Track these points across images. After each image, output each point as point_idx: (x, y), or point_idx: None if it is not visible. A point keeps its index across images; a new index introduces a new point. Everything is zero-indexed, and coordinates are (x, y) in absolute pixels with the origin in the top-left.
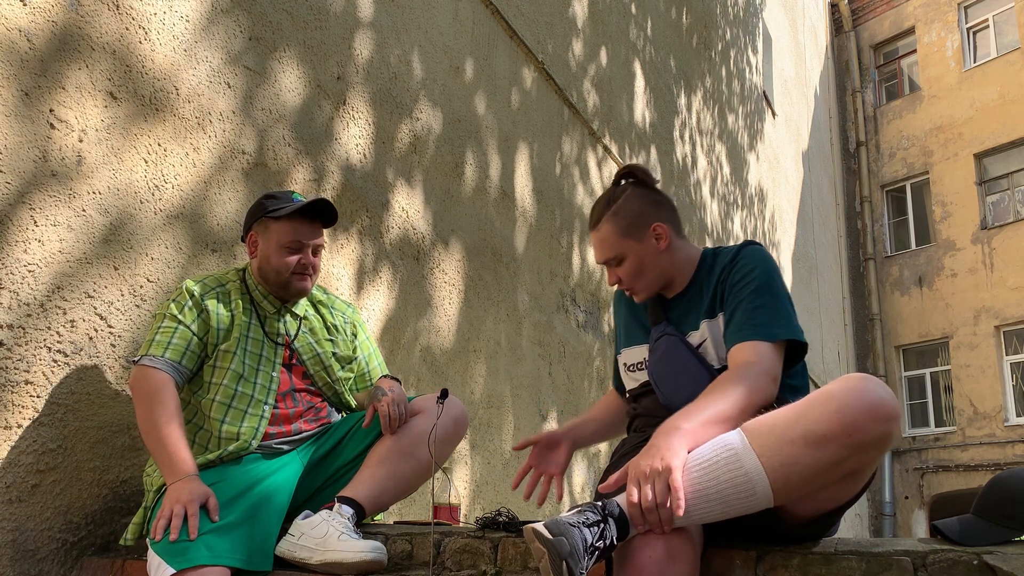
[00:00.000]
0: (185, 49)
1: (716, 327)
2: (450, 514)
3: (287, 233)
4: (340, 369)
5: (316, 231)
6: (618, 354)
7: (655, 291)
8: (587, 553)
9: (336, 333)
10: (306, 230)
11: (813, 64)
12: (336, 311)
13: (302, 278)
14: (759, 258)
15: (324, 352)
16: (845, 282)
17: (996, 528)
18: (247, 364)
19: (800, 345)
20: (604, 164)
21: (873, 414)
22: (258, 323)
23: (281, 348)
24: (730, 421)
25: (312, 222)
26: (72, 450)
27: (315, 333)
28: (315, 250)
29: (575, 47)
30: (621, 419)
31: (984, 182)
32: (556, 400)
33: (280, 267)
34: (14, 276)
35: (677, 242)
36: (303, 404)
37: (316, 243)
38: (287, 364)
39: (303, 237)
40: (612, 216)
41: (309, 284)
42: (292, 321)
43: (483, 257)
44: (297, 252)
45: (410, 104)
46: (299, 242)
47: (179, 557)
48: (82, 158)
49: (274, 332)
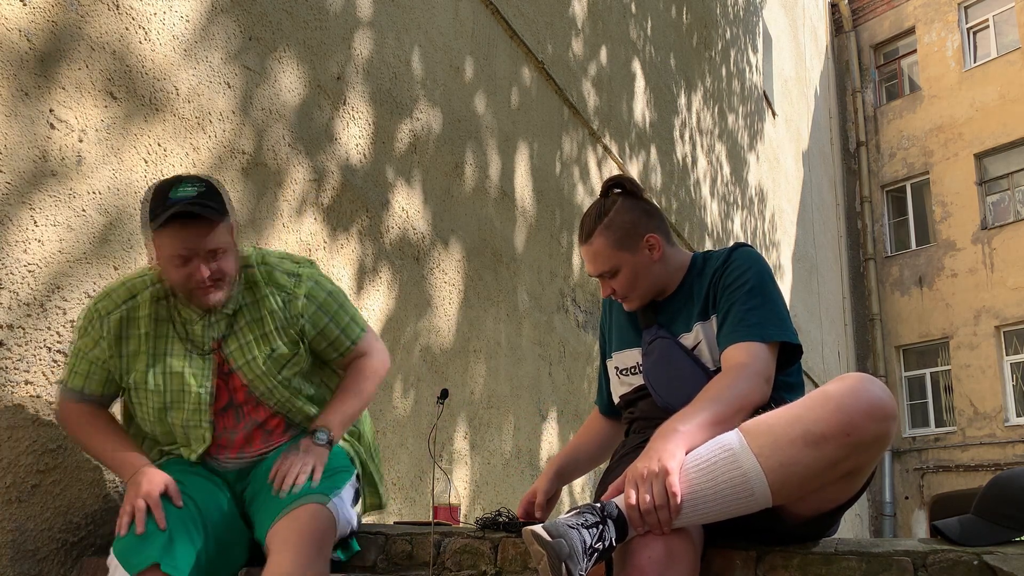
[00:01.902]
0: (185, 49)
1: (710, 329)
2: (450, 514)
3: (167, 246)
4: (281, 369)
5: (201, 235)
6: (608, 358)
7: (648, 300)
8: (586, 555)
9: (273, 321)
10: (188, 237)
11: (813, 64)
12: (276, 288)
13: (205, 291)
14: (751, 260)
15: (255, 357)
16: (845, 282)
17: (996, 528)
18: (170, 387)
19: (794, 347)
20: (604, 164)
21: (871, 414)
22: (179, 333)
23: (210, 357)
24: (726, 423)
25: (197, 224)
26: (72, 450)
27: (247, 331)
28: (210, 255)
29: (575, 47)
30: (607, 445)
31: (984, 182)
32: (556, 400)
33: (176, 282)
34: (14, 276)
35: (668, 250)
36: (248, 423)
37: (209, 248)
38: (223, 374)
39: (189, 246)
40: (604, 229)
41: (219, 295)
42: (220, 322)
43: (483, 257)
44: (187, 265)
45: (410, 104)
46: (183, 255)
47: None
48: (82, 158)
49: (200, 340)
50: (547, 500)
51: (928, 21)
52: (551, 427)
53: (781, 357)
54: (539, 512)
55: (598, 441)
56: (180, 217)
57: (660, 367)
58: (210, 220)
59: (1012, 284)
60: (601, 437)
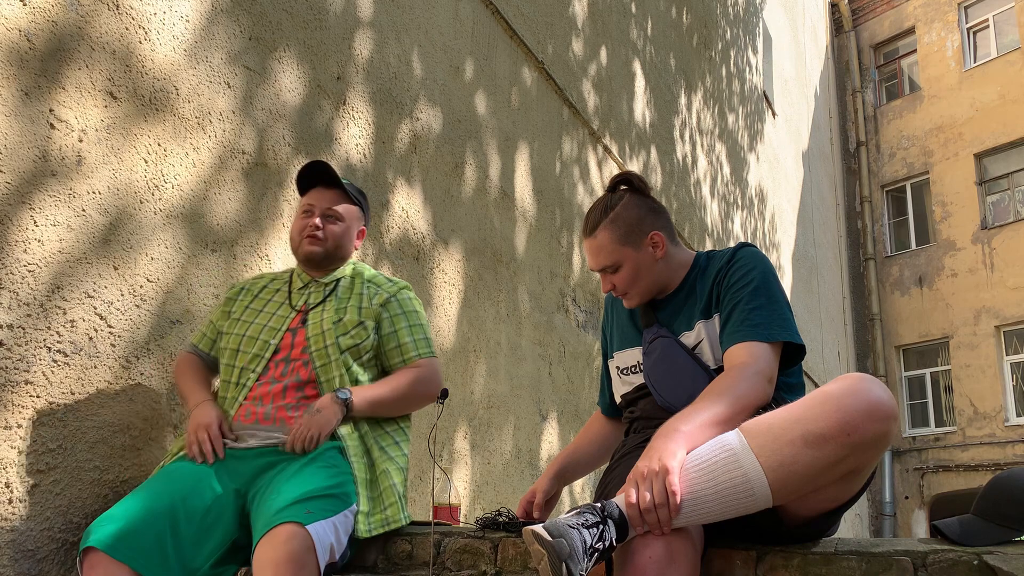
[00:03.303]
0: (185, 49)
1: (712, 328)
2: (450, 514)
3: (304, 200)
4: (343, 335)
5: (328, 198)
6: (609, 358)
7: (648, 298)
8: (586, 555)
9: (353, 302)
10: (317, 195)
11: (813, 64)
12: (373, 284)
13: (310, 241)
14: (756, 259)
15: (326, 318)
16: (845, 282)
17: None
18: (250, 325)
19: (797, 347)
20: (604, 164)
21: (871, 414)
22: (283, 293)
23: (294, 313)
24: (728, 423)
25: (325, 189)
26: (72, 450)
27: (332, 303)
28: (325, 215)
29: (575, 47)
30: (608, 446)
31: (984, 182)
32: (556, 400)
33: (293, 233)
34: (14, 276)
35: (671, 249)
36: (291, 378)
37: (325, 208)
38: (293, 328)
39: (313, 201)
40: (610, 224)
41: (317, 248)
42: (317, 293)
43: (483, 257)
44: (307, 217)
45: (410, 104)
46: (309, 205)
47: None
48: (82, 158)
49: (296, 299)
50: (547, 501)
51: (928, 21)
52: (551, 427)
53: (784, 357)
54: (538, 512)
55: (599, 443)
56: (316, 182)
57: (660, 366)
58: (338, 192)
59: (1012, 284)
60: (602, 438)
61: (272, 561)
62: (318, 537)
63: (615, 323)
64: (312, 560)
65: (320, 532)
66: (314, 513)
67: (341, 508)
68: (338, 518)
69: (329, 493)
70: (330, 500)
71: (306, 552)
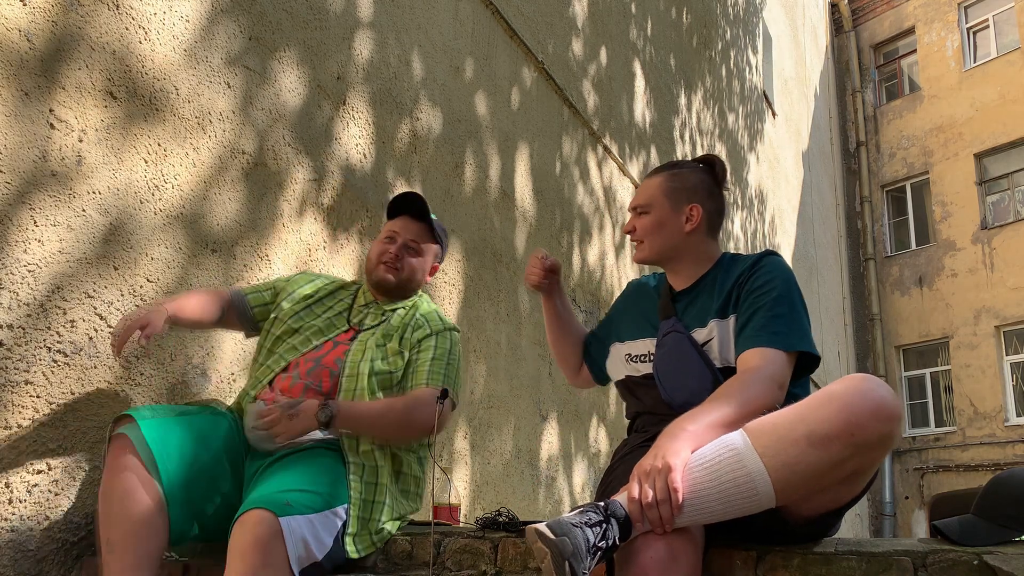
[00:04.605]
0: (185, 49)
1: (726, 328)
2: (450, 514)
3: (388, 226)
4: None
5: (413, 228)
6: (619, 342)
7: (655, 260)
8: (589, 553)
9: (400, 331)
10: (404, 224)
11: (813, 64)
12: (423, 319)
13: (386, 268)
14: (781, 268)
15: (369, 348)
16: (845, 282)
17: (996, 528)
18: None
19: (812, 358)
20: (604, 164)
21: (876, 414)
22: (347, 305)
23: (347, 328)
24: (735, 424)
25: (412, 220)
26: (72, 450)
27: (383, 328)
28: (409, 244)
29: (575, 47)
30: (578, 342)
31: (984, 182)
32: (556, 400)
33: (371, 255)
34: (14, 276)
35: (704, 236)
36: (312, 382)
37: (408, 238)
38: (338, 342)
39: (398, 229)
40: (669, 175)
41: (391, 276)
42: (375, 315)
43: (483, 257)
44: (390, 243)
45: (410, 104)
46: (393, 232)
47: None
48: (82, 158)
49: (355, 315)
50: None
51: (928, 21)
52: (551, 427)
53: (796, 368)
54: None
55: (580, 335)
56: (407, 210)
57: (669, 359)
58: (427, 226)
59: (1012, 284)
60: (580, 336)
61: (239, 546)
62: (289, 528)
63: (634, 310)
64: (279, 547)
65: (293, 524)
66: (293, 506)
67: (322, 507)
68: (317, 516)
69: (314, 491)
70: (313, 496)
71: (273, 538)
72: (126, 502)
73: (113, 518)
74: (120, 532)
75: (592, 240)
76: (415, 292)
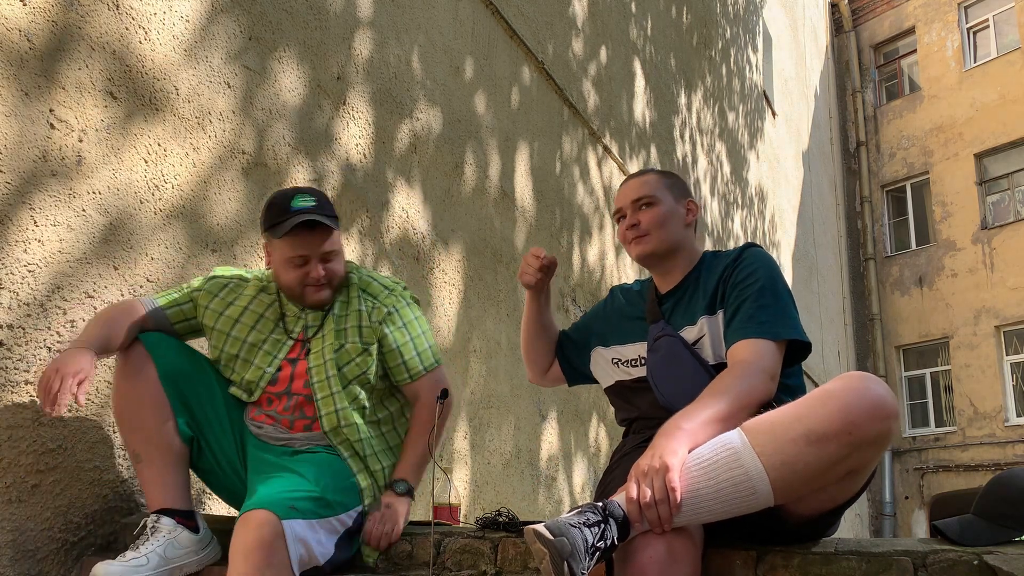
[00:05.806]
0: (185, 49)
1: (715, 324)
2: (450, 514)
3: (288, 249)
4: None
5: (320, 240)
6: (603, 347)
7: (661, 251)
8: (588, 554)
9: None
10: (309, 241)
11: (813, 64)
12: (369, 296)
13: (315, 290)
14: (763, 259)
15: (327, 346)
16: (845, 282)
17: (996, 528)
18: (245, 346)
19: (802, 346)
20: (604, 164)
21: (874, 413)
22: (274, 316)
23: (290, 342)
24: (730, 420)
25: (314, 231)
26: (72, 450)
27: (330, 324)
28: (325, 257)
29: (575, 47)
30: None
31: (984, 182)
32: (556, 400)
33: (289, 283)
34: (14, 276)
35: (693, 234)
36: (296, 414)
37: (324, 251)
38: (292, 359)
39: (307, 250)
40: (661, 173)
41: (325, 294)
42: (314, 315)
43: (483, 257)
44: (304, 266)
45: (410, 104)
46: (303, 257)
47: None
48: (82, 158)
49: (291, 326)
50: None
51: (928, 21)
52: (551, 427)
53: (787, 355)
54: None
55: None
56: (304, 225)
57: (664, 365)
58: (328, 228)
59: (1012, 284)
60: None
61: (242, 546)
62: (291, 530)
63: (618, 315)
64: (281, 549)
65: (295, 527)
66: (299, 511)
67: (328, 514)
68: (322, 522)
69: (320, 498)
70: (318, 503)
71: (275, 540)
72: (134, 387)
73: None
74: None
75: (592, 239)
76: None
